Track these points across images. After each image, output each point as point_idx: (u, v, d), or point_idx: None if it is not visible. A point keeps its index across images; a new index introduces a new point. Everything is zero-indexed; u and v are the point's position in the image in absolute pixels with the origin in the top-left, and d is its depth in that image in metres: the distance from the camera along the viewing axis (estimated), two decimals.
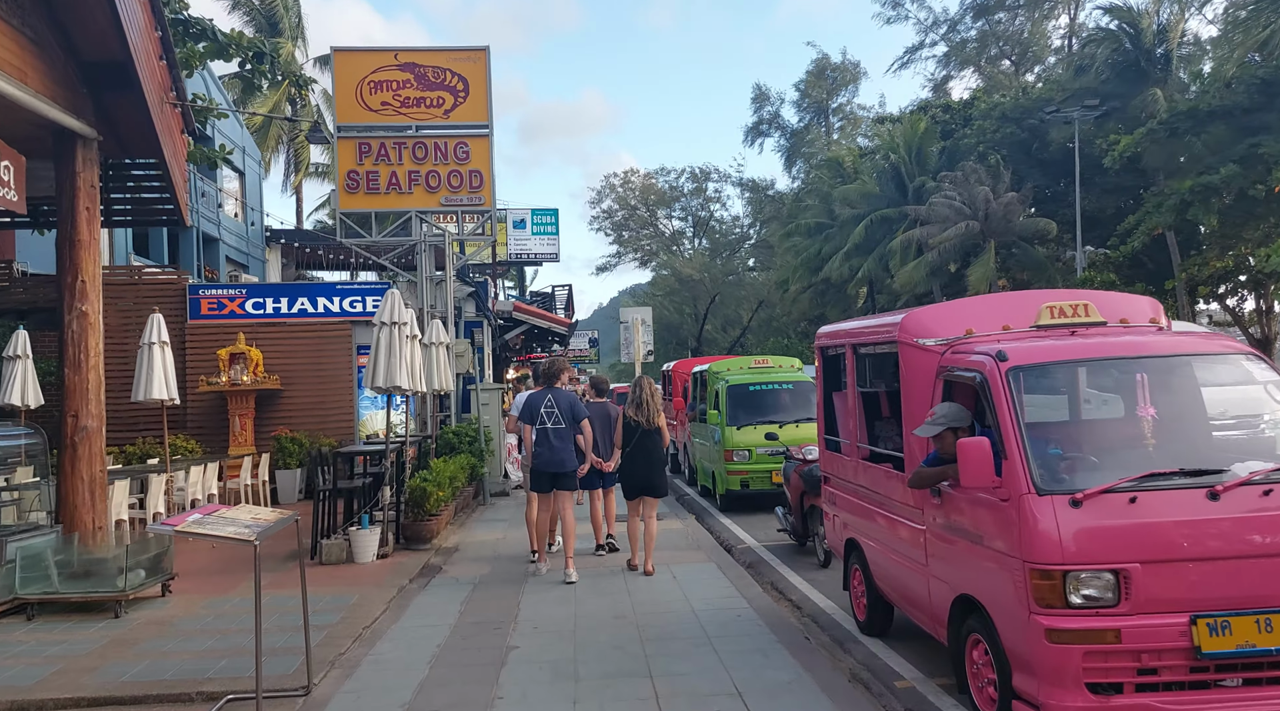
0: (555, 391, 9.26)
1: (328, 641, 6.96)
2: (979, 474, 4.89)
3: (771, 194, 62.87)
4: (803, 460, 10.02)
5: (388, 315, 10.39)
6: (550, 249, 27.11)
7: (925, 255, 36.53)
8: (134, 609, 7.96)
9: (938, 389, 5.84)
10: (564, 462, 9.12)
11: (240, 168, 30.41)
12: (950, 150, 39.58)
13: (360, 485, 11.02)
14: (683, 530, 11.89)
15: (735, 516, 13.30)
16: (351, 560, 10.09)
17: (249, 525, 5.01)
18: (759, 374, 14.62)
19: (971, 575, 5.20)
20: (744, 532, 11.98)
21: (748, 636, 6.88)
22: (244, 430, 15.76)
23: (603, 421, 9.89)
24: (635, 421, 9.16)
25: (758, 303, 61.40)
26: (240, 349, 15.82)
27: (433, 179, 16.94)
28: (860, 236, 39.71)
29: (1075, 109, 31.81)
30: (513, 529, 12.46)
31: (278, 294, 16.71)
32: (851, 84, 62.21)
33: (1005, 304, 6.29)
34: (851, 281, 41.87)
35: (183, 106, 9.19)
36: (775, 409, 13.84)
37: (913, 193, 39.15)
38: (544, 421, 9.07)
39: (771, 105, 64.35)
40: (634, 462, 9.17)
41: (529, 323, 19.49)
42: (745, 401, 13.83)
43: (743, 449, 13.33)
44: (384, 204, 16.99)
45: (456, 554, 10.83)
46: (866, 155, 45.69)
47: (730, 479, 13.34)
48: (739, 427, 13.48)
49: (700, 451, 15.64)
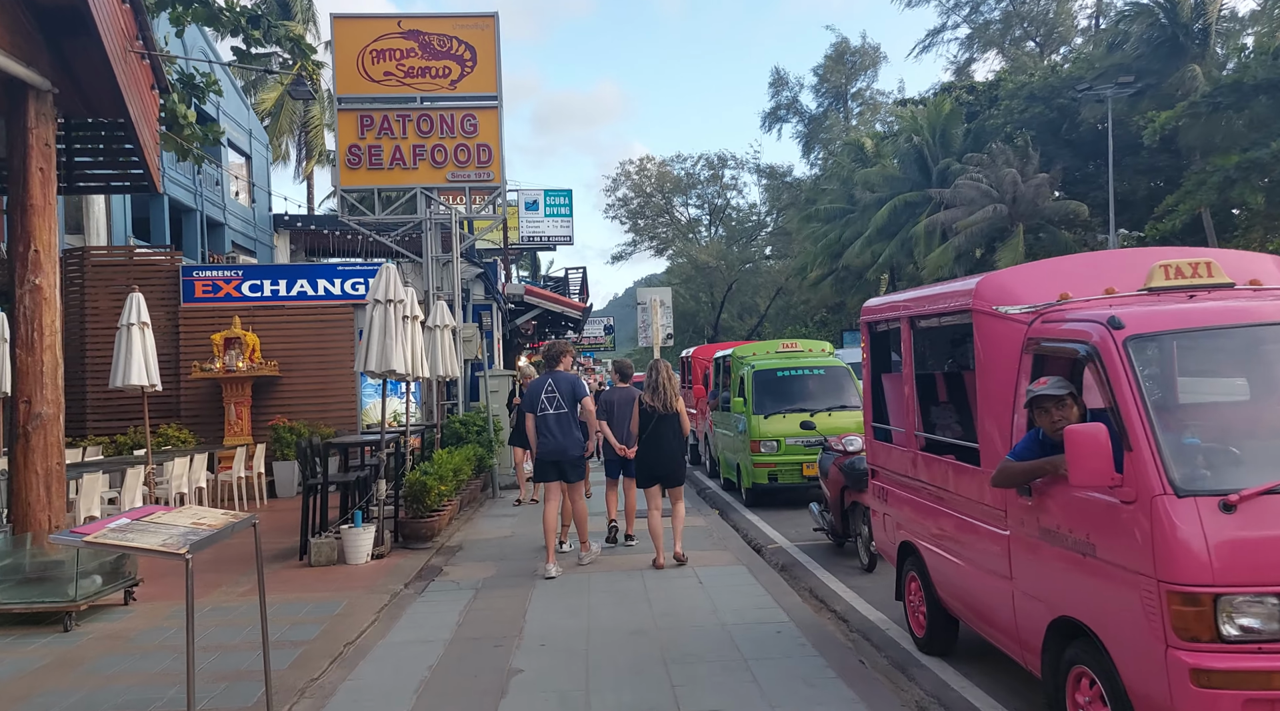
0: (556, 375, 8.69)
1: (302, 662, 5.99)
2: (1095, 469, 3.85)
3: (789, 180, 61.64)
4: (843, 452, 8.98)
5: (382, 292, 9.41)
6: (564, 231, 26.03)
7: (951, 239, 35.29)
8: (88, 621, 7.02)
9: (1024, 365, 4.79)
10: (567, 449, 8.57)
11: (246, 151, 29.52)
12: (976, 132, 38.27)
13: (355, 479, 10.07)
14: (706, 527, 10.88)
15: (762, 512, 12.28)
16: (343, 561, 9.14)
17: (184, 533, 4.03)
18: (788, 358, 13.57)
19: (1078, 594, 4.17)
20: (773, 530, 10.96)
21: (790, 657, 5.87)
22: (240, 419, 14.85)
23: (625, 407, 9.28)
24: (651, 407, 8.64)
25: (775, 290, 60.24)
26: (235, 333, 14.90)
27: (438, 153, 15.96)
28: (883, 220, 38.49)
29: (1109, 86, 30.47)
30: (522, 524, 11.49)
31: (276, 276, 15.77)
32: (871, 68, 60.85)
33: (1106, 263, 5.23)
34: (873, 267, 40.64)
35: (152, 58, 8.21)
36: (806, 396, 12.79)
37: (937, 176, 37.89)
38: (545, 407, 8.56)
39: (790, 90, 63.10)
40: (649, 449, 8.65)
41: (541, 307, 18.47)
42: (773, 388, 12.79)
43: (770, 439, 12.30)
44: (387, 180, 16.02)
45: (460, 553, 9.86)
46: (888, 138, 44.37)
47: (757, 472, 12.32)
48: (766, 416, 12.44)
49: (723, 442, 14.62)
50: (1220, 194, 25.11)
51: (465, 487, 12.18)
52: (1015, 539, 4.73)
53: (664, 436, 8.58)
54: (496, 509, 13.25)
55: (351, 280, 15.98)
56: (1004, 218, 34.17)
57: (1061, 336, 4.53)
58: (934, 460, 5.82)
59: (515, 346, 21.24)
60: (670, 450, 8.62)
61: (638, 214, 64.70)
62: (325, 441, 9.92)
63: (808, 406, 12.53)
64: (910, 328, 6.18)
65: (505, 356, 17.58)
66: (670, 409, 8.55)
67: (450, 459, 10.97)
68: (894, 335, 6.67)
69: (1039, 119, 35.70)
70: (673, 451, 8.66)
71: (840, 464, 8.81)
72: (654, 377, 8.71)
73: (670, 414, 8.56)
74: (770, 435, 12.33)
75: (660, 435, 8.60)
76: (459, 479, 11.43)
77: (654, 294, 13.04)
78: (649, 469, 8.69)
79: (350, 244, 26.36)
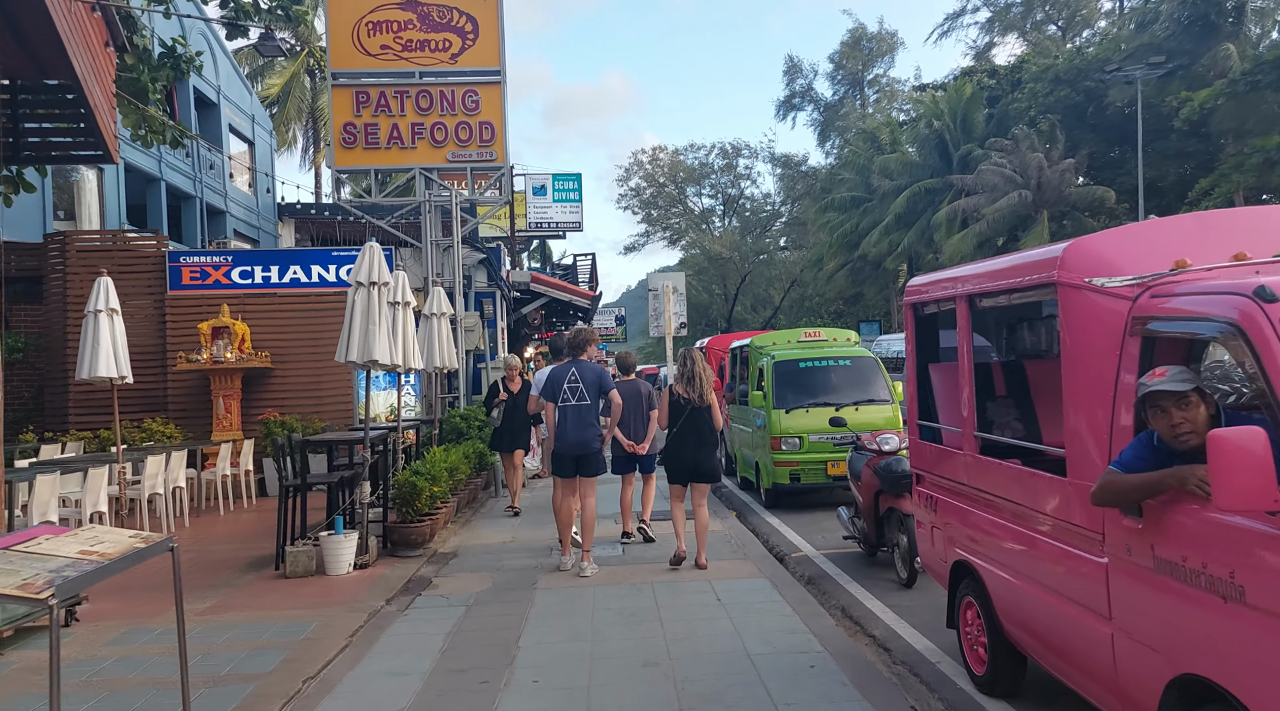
0: (580, 364, 8.13)
1: (249, 705, 5.06)
2: (1250, 488, 2.89)
3: (804, 169, 60.45)
4: (877, 452, 8.01)
5: (365, 274, 8.49)
6: (573, 217, 24.92)
7: (973, 226, 34.15)
8: (16, 647, 6.11)
9: (1128, 351, 3.81)
10: (588, 443, 8.06)
11: (249, 137, 28.66)
12: (999, 117, 37.10)
13: (339, 479, 9.16)
14: (724, 533, 9.94)
15: (783, 515, 11.32)
16: (322, 571, 8.23)
17: (58, 569, 3.10)
18: (810, 348, 12.58)
19: (1215, 649, 3.20)
20: (797, 536, 10.00)
21: (829, 699, 4.91)
22: (229, 413, 13.97)
23: (631, 401, 8.90)
24: (685, 398, 7.98)
25: (790, 282, 59.12)
26: (224, 322, 14.01)
27: (438, 132, 15.04)
28: (902, 208, 37.38)
29: (1138, 67, 29.27)
30: (525, 528, 10.57)
31: (268, 261, 14.88)
32: (888, 54, 59.47)
33: (1227, 224, 4.22)
34: (891, 256, 39.54)
35: (104, 9, 7.29)
36: (830, 389, 11.81)
37: (958, 161, 36.73)
38: (566, 398, 8.02)
39: (804, 78, 61.76)
40: (683, 443, 7.96)
41: (548, 295, 17.51)
42: (795, 380, 11.80)
43: (793, 436, 11.33)
44: (384, 160, 15.11)
45: (454, 561, 8.94)
46: (907, 124, 43.16)
47: (778, 471, 11.35)
48: (788, 411, 11.47)
49: (740, 438, 13.65)
50: (1259, 176, 23.90)
51: (464, 487, 11.27)
52: (1118, 569, 3.75)
53: (698, 429, 7.96)
54: (499, 510, 12.33)
55: (347, 266, 15.05)
56: (1028, 204, 33.01)
57: (1182, 314, 3.54)
58: (999, 466, 4.84)
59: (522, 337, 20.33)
60: (705, 443, 8.01)
61: (650, 204, 63.65)
62: (303, 438, 9.00)
63: (833, 400, 11.56)
64: (969, 308, 5.19)
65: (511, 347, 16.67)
66: (704, 400, 7.97)
67: (445, 457, 10.05)
68: (946, 317, 5.69)
69: (1064, 102, 34.49)
70: (707, 445, 8.04)
71: (874, 465, 7.83)
72: (689, 367, 8.05)
73: (704, 406, 7.97)
74: (792, 431, 11.35)
75: (694, 428, 7.95)
76: (455, 479, 10.52)
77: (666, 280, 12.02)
78: (686, 464, 7.97)
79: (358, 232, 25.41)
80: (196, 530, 11.01)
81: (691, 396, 7.95)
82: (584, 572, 7.97)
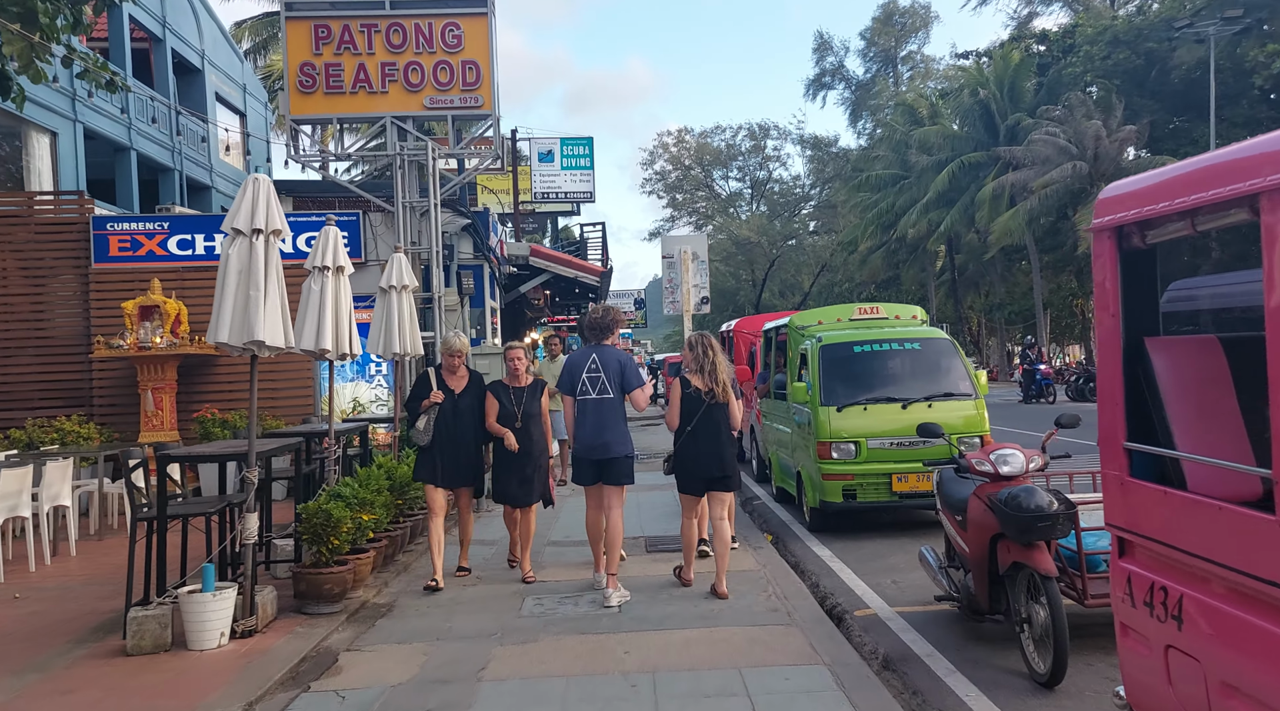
0: (602, 350, 6.85)
1: None
2: None
3: (835, 151, 57.50)
4: (992, 475, 5.26)
5: (244, 217, 5.93)
6: (584, 187, 22.01)
7: (1022, 202, 31.08)
8: None
9: None
10: (610, 445, 6.69)
11: (240, 108, 26.20)
12: (1049, 85, 33.93)
13: (226, 506, 6.56)
14: (757, 572, 7.26)
15: (834, 542, 8.63)
16: (183, 645, 5.64)
17: None
18: (866, 328, 9.80)
19: None
20: (858, 580, 7.30)
21: None
22: (160, 410, 11.46)
23: None
24: (698, 391, 6.69)
25: (819, 266, 56.35)
26: (154, 300, 11.50)
27: (414, 73, 12.40)
28: (943, 185, 34.37)
29: (1211, 23, 26.04)
30: (495, 564, 7.94)
31: (210, 228, 12.36)
32: (922, 30, 56.52)
33: None
34: (932, 236, 36.57)
35: None
36: (894, 379, 9.07)
37: (1005, 133, 33.64)
38: (586, 390, 6.75)
39: (835, 55, 58.96)
40: (697, 445, 6.69)
41: (550, 271, 14.83)
42: (848, 369, 9.07)
43: (846, 440, 8.61)
44: (349, 107, 12.51)
45: (383, 621, 6.32)
46: (949, 95, 40.04)
47: (827, 486, 8.63)
48: (840, 409, 8.74)
49: (776, 439, 10.93)
50: None
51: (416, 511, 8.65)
52: None
53: (716, 428, 6.69)
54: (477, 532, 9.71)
55: (306, 234, 12.50)
56: (1083, 177, 29.89)
57: None
58: None
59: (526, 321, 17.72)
60: (722, 445, 6.71)
61: (675, 188, 60.96)
62: (164, 452, 6.40)
63: (898, 394, 8.82)
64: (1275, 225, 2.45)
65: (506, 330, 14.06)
66: (721, 395, 6.71)
67: (375, 476, 7.40)
68: (1187, 250, 2.97)
69: (1123, 67, 31.27)
70: (725, 447, 6.72)
71: (991, 497, 5.09)
72: (701, 355, 6.71)
73: (722, 402, 6.72)
74: (846, 434, 8.63)
75: (710, 427, 6.66)
76: (399, 502, 7.91)
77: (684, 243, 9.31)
78: (699, 470, 6.68)
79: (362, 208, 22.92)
80: (72, 563, 8.48)
81: (713, 388, 6.62)
82: (608, 601, 6.40)
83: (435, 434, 7.11)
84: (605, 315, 7.00)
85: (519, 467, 7.16)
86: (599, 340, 6.86)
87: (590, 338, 6.97)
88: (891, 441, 8.58)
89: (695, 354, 6.71)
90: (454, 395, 7.23)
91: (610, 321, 6.96)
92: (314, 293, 7.56)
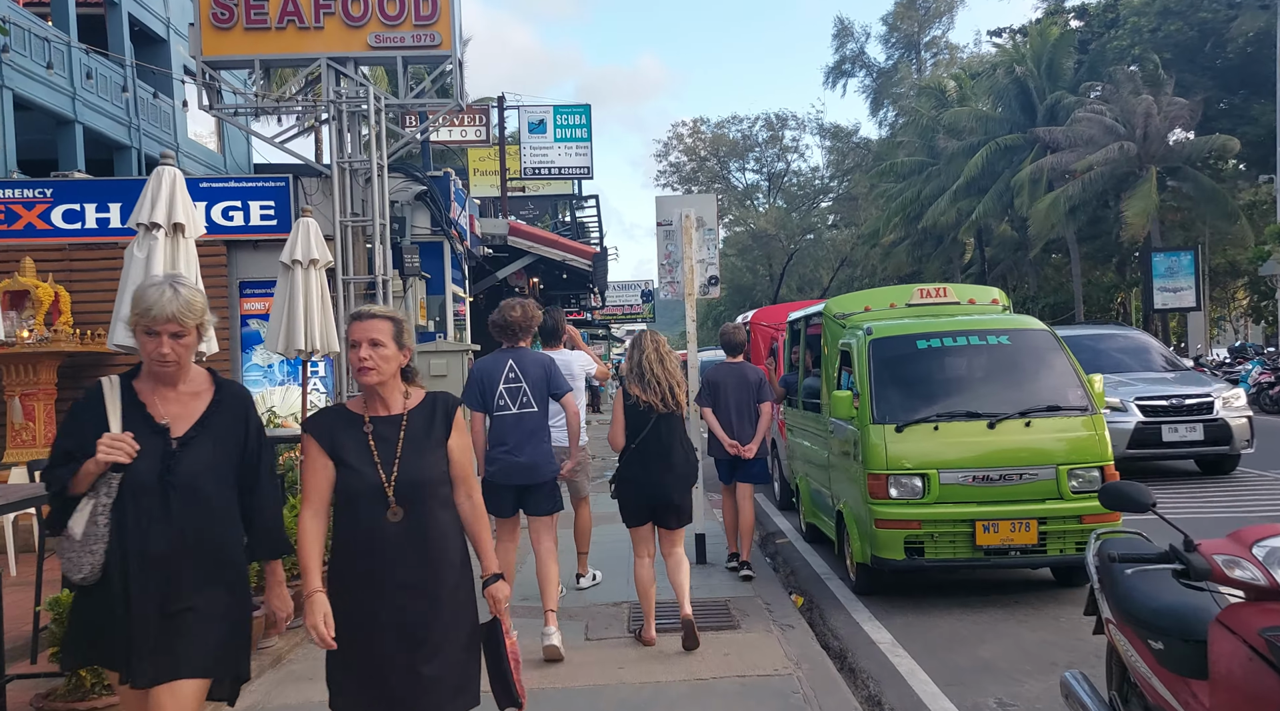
0: (520, 354, 5.62)
1: None
2: None
3: (856, 141, 54.75)
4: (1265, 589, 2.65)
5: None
6: (580, 161, 19.22)
7: (1063, 188, 28.28)
8: None
9: None
10: (537, 467, 5.51)
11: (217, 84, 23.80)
12: (1091, 62, 31.10)
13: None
14: (785, 675, 4.73)
15: (890, 612, 6.07)
16: None
17: None
18: (932, 315, 7.18)
19: None
20: (937, 690, 4.74)
21: None
22: (32, 421, 9.03)
23: (738, 389, 6.90)
24: (642, 402, 5.33)
25: (839, 261, 53.62)
26: (23, 284, 9.09)
27: (354, 5, 9.91)
28: (976, 170, 31.58)
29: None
30: None
31: (105, 197, 9.92)
32: (947, 14, 53.51)
33: None
34: (963, 226, 33.81)
35: None
36: (974, 387, 6.50)
37: (1044, 113, 30.83)
38: (505, 404, 5.48)
39: (855, 42, 56.03)
40: (644, 465, 5.32)
41: (533, 252, 12.24)
42: (911, 372, 6.50)
43: (911, 473, 6.03)
44: (275, 46, 10.08)
45: None
46: (980, 76, 37.24)
47: (882, 537, 6.05)
48: (900, 427, 6.14)
49: (805, 460, 8.35)
50: None
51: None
52: None
53: (669, 447, 5.39)
54: None
55: (224, 203, 10.08)
56: (1131, 158, 27.05)
57: None
58: None
59: None
60: (678, 467, 5.42)
61: (690, 180, 58.35)
62: None
63: (982, 408, 6.24)
64: None
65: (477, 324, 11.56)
66: (673, 404, 5.45)
67: None
68: None
69: (1174, 39, 28.44)
70: (681, 470, 5.45)
71: (1277, 639, 2.50)
72: (640, 357, 5.46)
73: (673, 413, 5.47)
74: (910, 464, 6.05)
75: (657, 444, 5.36)
76: None
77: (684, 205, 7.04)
78: (643, 496, 5.40)
79: None
80: None
81: (653, 399, 5.39)
82: (549, 639, 5.20)
83: (120, 553, 2.73)
84: (522, 313, 5.73)
85: (401, 642, 2.88)
86: (514, 343, 5.74)
87: (503, 340, 5.76)
88: (974, 474, 6.01)
89: (634, 359, 5.52)
90: (167, 441, 2.80)
91: (529, 321, 5.76)
92: None
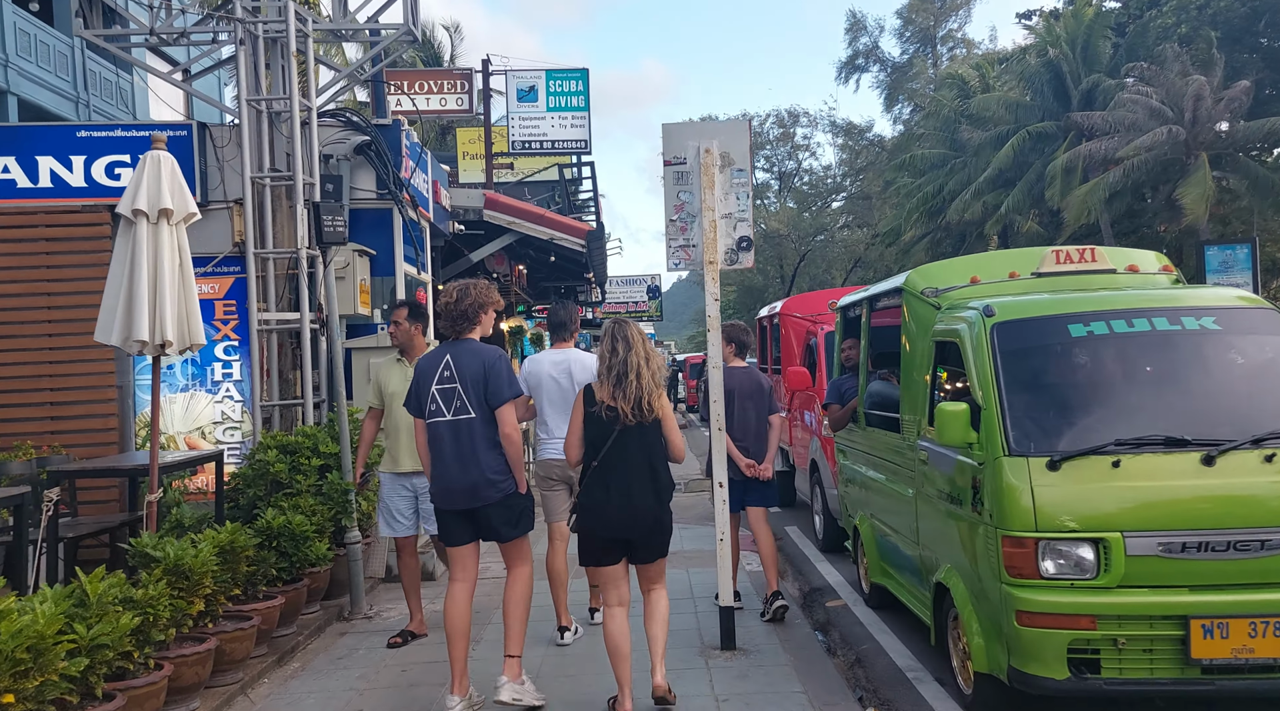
0: (458, 349, 4.46)
1: None
2: None
3: (870, 138, 52.51)
4: None
5: None
6: (577, 133, 16.64)
7: (1103, 176, 25.80)
8: None
9: None
10: (478, 487, 4.33)
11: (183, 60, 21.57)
12: (1130, 45, 28.62)
13: None
14: None
15: None
16: None
17: None
18: (1081, 288, 4.72)
19: None
20: None
21: None
22: None
23: (754, 398, 5.75)
24: (608, 408, 4.12)
25: (852, 262, 51.30)
26: None
27: None
28: (1005, 161, 29.15)
29: None
30: None
31: None
32: (964, 7, 51.17)
33: None
34: (989, 221, 31.36)
35: None
36: (1168, 398, 4.10)
37: (1080, 98, 28.36)
38: (437, 408, 4.39)
39: (869, 36, 53.78)
40: (606, 489, 4.11)
41: (513, 230, 9.86)
42: (1064, 374, 4.11)
43: (1077, 536, 3.62)
44: None
45: None
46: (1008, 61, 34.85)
47: (1027, 638, 3.64)
48: (1055, 461, 3.75)
49: (870, 492, 5.95)
50: None
51: None
52: None
53: (635, 465, 4.11)
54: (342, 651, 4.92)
55: (107, 158, 7.76)
56: (1179, 144, 24.57)
57: None
58: None
59: None
60: (645, 492, 4.10)
61: None
62: None
63: (1186, 431, 3.84)
64: None
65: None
66: (648, 412, 4.12)
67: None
68: None
69: (1224, 16, 25.97)
70: (651, 495, 4.13)
71: None
72: (626, 354, 4.14)
73: (647, 423, 4.12)
74: (1074, 523, 3.65)
75: (624, 461, 4.09)
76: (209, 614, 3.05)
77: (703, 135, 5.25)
78: (607, 524, 4.13)
79: None
80: None
81: (624, 406, 4.06)
82: (499, 695, 4.21)
83: None
84: (463, 296, 4.49)
85: None
86: (458, 334, 4.56)
87: (444, 328, 4.60)
88: (1184, 540, 3.62)
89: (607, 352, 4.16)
90: None
91: (470, 305, 4.46)
92: None
